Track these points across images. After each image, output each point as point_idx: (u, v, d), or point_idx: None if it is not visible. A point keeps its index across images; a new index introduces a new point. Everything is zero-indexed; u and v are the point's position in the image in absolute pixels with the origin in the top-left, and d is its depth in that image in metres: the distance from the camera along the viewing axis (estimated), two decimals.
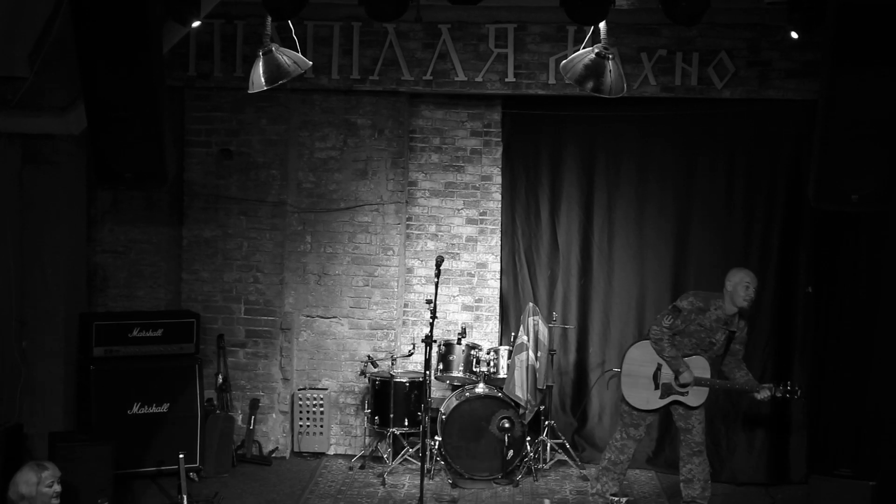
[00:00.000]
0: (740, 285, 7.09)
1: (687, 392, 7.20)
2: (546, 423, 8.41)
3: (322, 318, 8.92)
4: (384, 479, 8.11)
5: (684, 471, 7.40)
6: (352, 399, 8.91)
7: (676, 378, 7.19)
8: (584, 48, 6.31)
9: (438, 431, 8.18)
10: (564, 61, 6.41)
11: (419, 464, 7.60)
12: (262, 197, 8.71)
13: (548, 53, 8.26)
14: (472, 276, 9.07)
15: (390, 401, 8.29)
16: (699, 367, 7.19)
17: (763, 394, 7.17)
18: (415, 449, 8.29)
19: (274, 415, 8.77)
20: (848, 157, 5.59)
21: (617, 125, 8.74)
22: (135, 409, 7.92)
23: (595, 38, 6.27)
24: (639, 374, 7.32)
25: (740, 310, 7.15)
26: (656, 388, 7.29)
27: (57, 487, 5.71)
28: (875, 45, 5.39)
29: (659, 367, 7.27)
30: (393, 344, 8.85)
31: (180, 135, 8.58)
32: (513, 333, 8.56)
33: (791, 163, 8.51)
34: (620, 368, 7.44)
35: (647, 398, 7.31)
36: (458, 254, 9.05)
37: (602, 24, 6.11)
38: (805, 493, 7.77)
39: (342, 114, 8.79)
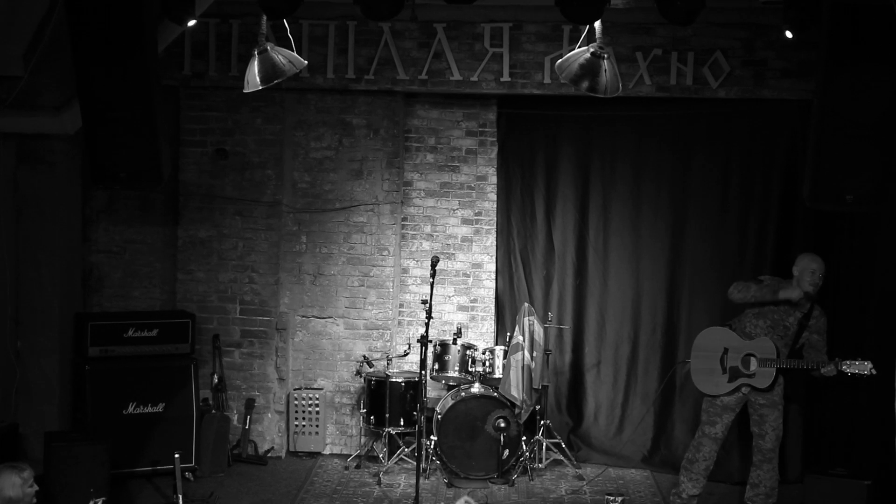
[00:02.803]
0: (806, 271, 7.10)
1: (754, 374, 7.12)
2: (541, 422, 8.41)
3: (317, 318, 8.92)
4: (380, 478, 8.10)
5: (753, 475, 7.34)
6: (347, 399, 8.91)
7: (782, 296, 7.06)
8: (579, 47, 6.30)
9: (434, 431, 8.18)
10: (560, 61, 6.40)
11: (415, 463, 7.59)
12: (258, 197, 8.70)
13: (543, 53, 8.26)
14: (468, 276, 9.06)
15: (386, 400, 8.29)
16: (766, 349, 7.11)
17: (828, 368, 6.98)
18: (410, 448, 8.28)
19: (269, 414, 8.76)
20: (843, 157, 5.59)
21: (612, 125, 8.74)
22: (130, 409, 7.91)
23: (590, 38, 6.27)
24: (707, 361, 7.27)
25: (806, 294, 7.11)
26: (724, 372, 7.22)
27: (36, 486, 5.71)
28: (870, 44, 5.40)
29: (725, 351, 7.20)
30: (388, 344, 8.85)
31: (175, 134, 8.56)
32: (508, 333, 8.56)
33: (786, 162, 8.52)
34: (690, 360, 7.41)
35: (716, 383, 7.22)
36: (453, 254, 9.05)
37: (597, 24, 6.11)
38: (801, 492, 7.78)
39: (337, 113, 8.79)
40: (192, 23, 6.46)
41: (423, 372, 7.49)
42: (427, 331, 7.41)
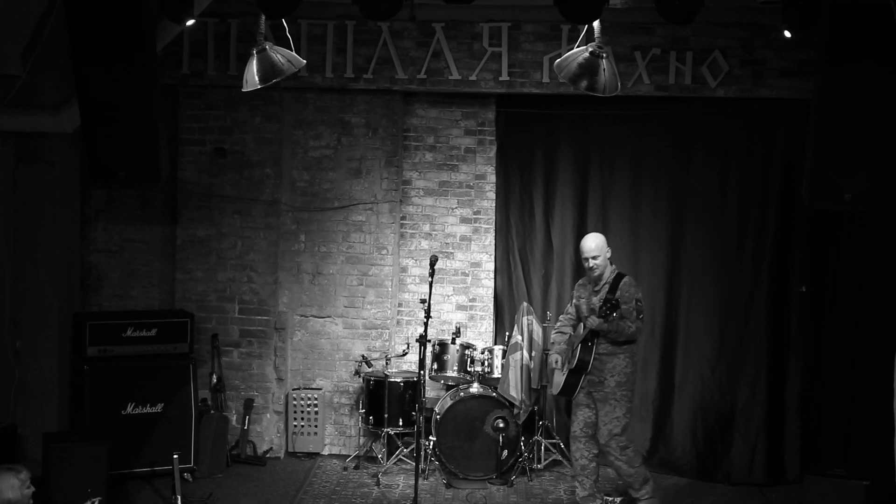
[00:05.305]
0: None
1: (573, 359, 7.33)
2: (540, 422, 8.41)
3: (316, 317, 8.91)
4: (378, 479, 8.10)
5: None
6: (346, 399, 8.90)
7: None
8: (578, 47, 6.31)
9: (433, 431, 8.17)
10: (558, 60, 6.41)
11: (413, 464, 7.60)
12: (256, 196, 8.70)
13: (542, 52, 8.27)
14: (467, 275, 9.05)
15: (384, 401, 8.29)
16: (580, 334, 7.33)
17: (590, 320, 7.15)
18: (409, 449, 8.29)
19: (268, 415, 8.76)
20: (841, 156, 5.59)
21: (611, 124, 8.73)
22: (129, 410, 7.90)
23: (589, 37, 6.27)
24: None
25: (591, 278, 7.40)
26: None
27: (32, 488, 5.74)
28: (868, 44, 5.40)
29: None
30: (387, 343, 8.84)
31: (174, 133, 8.57)
32: (507, 333, 8.56)
33: (785, 162, 8.51)
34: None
35: (559, 382, 7.47)
36: (452, 253, 9.04)
37: (596, 23, 6.12)
38: (799, 492, 7.77)
39: (336, 112, 8.79)
40: (190, 22, 6.47)
41: (421, 372, 7.49)
42: (426, 330, 7.41)
